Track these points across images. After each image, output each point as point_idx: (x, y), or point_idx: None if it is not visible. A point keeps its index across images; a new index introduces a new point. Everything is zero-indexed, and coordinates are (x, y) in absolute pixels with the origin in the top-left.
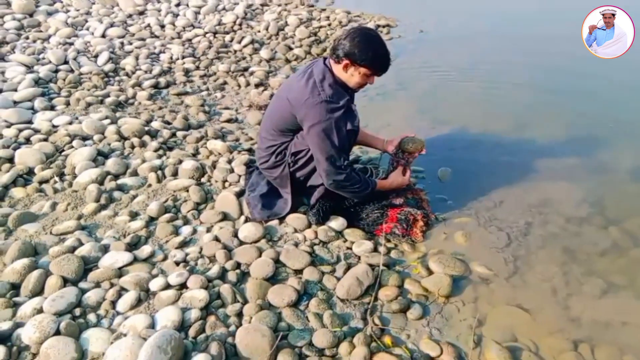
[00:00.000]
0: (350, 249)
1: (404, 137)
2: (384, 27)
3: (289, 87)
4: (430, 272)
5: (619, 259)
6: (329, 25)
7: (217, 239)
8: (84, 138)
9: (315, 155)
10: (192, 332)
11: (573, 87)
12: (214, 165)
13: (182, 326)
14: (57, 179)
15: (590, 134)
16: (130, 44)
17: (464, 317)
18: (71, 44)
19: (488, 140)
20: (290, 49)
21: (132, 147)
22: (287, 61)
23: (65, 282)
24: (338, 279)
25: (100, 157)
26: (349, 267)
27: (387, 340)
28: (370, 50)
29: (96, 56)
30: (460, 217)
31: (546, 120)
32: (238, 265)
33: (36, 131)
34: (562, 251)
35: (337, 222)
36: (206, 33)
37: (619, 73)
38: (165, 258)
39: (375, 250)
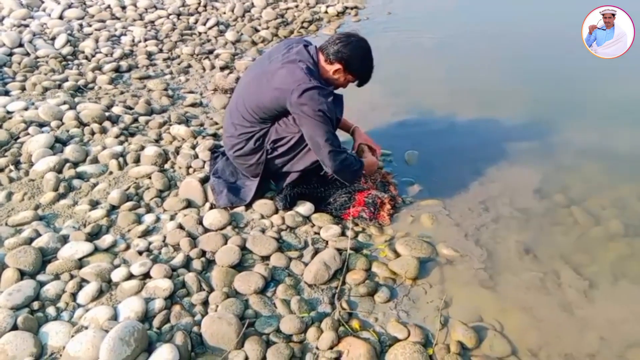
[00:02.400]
0: (318, 233)
1: (361, 144)
2: (351, 9)
3: (267, 71)
4: (397, 255)
5: (581, 237)
6: (296, 7)
7: (181, 226)
8: (41, 124)
9: (314, 140)
10: (156, 322)
11: (541, 69)
12: (177, 151)
13: (146, 317)
14: (12, 167)
15: (556, 116)
16: (90, 25)
17: (431, 298)
18: (26, 25)
19: (455, 123)
20: (257, 30)
21: (92, 133)
22: (254, 43)
23: (22, 275)
24: (305, 265)
25: (58, 144)
26: (316, 252)
27: (355, 324)
28: (366, 64)
29: (53, 39)
30: (427, 199)
31: (513, 103)
32: (203, 253)
33: None
34: (527, 231)
35: (304, 207)
36: (169, 15)
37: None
38: (127, 247)
39: (342, 234)
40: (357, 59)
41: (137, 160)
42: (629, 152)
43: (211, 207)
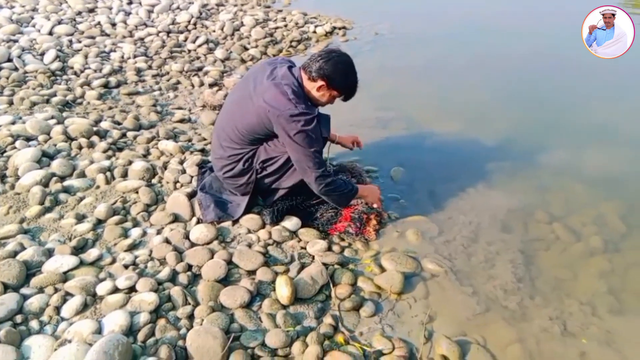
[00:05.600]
0: (305, 248)
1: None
2: (340, 29)
3: (252, 95)
4: (383, 270)
5: (562, 253)
6: (285, 26)
7: (167, 241)
8: (28, 139)
9: (300, 164)
10: (141, 336)
11: (525, 89)
12: (165, 166)
13: (131, 330)
14: None
15: (539, 135)
16: (79, 42)
17: (415, 313)
18: (15, 41)
19: (441, 141)
20: (246, 49)
21: (80, 147)
22: (243, 61)
23: (6, 288)
24: (292, 279)
25: (45, 158)
26: (302, 266)
27: (339, 338)
28: (349, 79)
29: (42, 54)
30: (413, 215)
31: (498, 121)
32: (189, 267)
33: None
34: (510, 247)
35: (291, 222)
36: (159, 32)
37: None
38: (113, 261)
39: (329, 249)
40: (339, 74)
41: (124, 175)
42: (609, 171)
43: (198, 222)
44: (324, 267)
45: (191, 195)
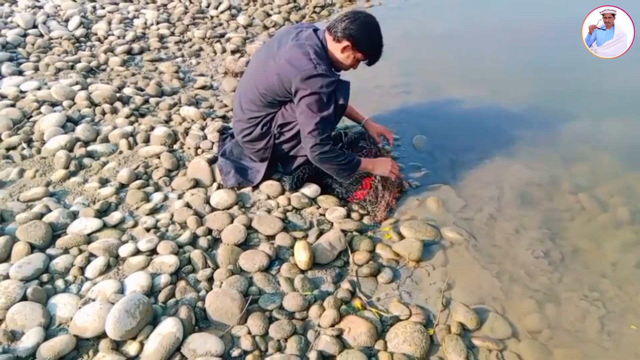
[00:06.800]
0: (324, 215)
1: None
2: None
3: (276, 55)
4: (401, 237)
5: (587, 224)
6: None
7: (188, 205)
8: (53, 104)
9: (302, 126)
10: (161, 296)
11: (553, 59)
12: (186, 132)
13: (152, 291)
14: (24, 145)
15: (565, 104)
16: (103, 8)
17: (434, 280)
18: (40, 7)
19: (464, 108)
20: (269, 15)
21: (103, 113)
22: (265, 28)
23: (33, 248)
24: (310, 245)
25: (69, 123)
26: (321, 232)
27: (357, 303)
28: (374, 40)
29: (67, 20)
30: (434, 184)
31: (523, 91)
32: (209, 231)
33: (3, 97)
34: (533, 217)
35: (310, 189)
36: None
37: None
38: (135, 224)
39: (348, 216)
40: (365, 35)
41: (146, 140)
42: (637, 141)
43: (218, 187)
44: (342, 233)
45: (212, 161)
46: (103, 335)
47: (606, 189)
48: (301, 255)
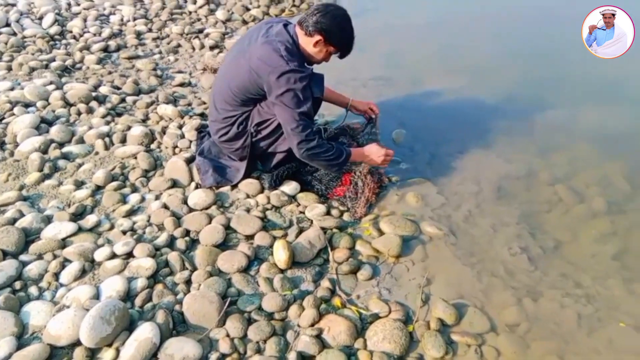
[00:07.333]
0: (303, 212)
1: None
2: None
3: (246, 53)
4: (381, 233)
5: (564, 215)
6: None
7: (165, 206)
8: (27, 105)
9: (284, 126)
10: (138, 301)
11: (531, 48)
12: (163, 131)
13: (128, 296)
14: None
15: (544, 95)
16: (78, 4)
17: (413, 276)
18: (13, 5)
19: (443, 100)
20: (248, 9)
21: (79, 113)
22: (244, 22)
23: (5, 255)
24: (290, 244)
25: (43, 124)
26: (301, 230)
27: (336, 301)
28: (346, 32)
29: (41, 18)
30: (413, 178)
31: (502, 82)
32: (187, 232)
33: None
34: (511, 209)
35: (290, 187)
36: None
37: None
38: (111, 227)
39: (328, 213)
40: (337, 28)
41: (123, 140)
42: (614, 131)
43: (196, 187)
44: (322, 231)
45: (190, 160)
46: (78, 343)
47: (583, 180)
48: (280, 255)
